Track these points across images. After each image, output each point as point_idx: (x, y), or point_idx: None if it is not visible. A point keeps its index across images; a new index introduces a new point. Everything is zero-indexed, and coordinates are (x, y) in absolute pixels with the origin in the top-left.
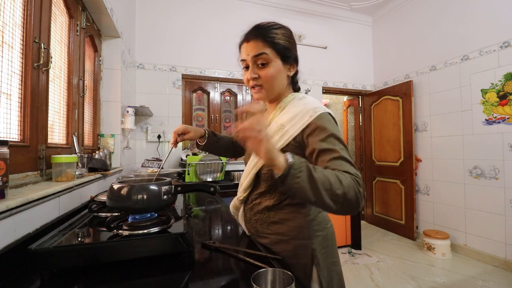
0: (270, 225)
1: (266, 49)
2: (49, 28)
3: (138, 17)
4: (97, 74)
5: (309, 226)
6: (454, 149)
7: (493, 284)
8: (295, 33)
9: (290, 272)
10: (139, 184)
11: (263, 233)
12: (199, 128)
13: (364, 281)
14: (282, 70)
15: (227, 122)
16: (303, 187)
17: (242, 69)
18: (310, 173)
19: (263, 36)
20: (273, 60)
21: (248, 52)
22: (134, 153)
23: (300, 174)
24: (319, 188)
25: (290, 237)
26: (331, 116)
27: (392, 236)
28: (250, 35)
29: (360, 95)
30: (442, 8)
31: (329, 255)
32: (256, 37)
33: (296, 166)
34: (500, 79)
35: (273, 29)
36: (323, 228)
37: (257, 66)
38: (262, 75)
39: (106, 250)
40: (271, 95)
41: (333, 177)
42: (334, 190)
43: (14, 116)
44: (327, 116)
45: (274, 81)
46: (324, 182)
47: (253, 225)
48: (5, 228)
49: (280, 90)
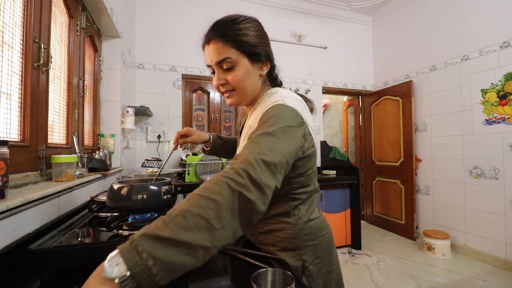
0: (259, 236)
1: (228, 51)
2: (49, 28)
3: (138, 17)
4: (97, 74)
5: (298, 236)
6: (454, 149)
7: (493, 284)
8: (295, 33)
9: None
10: (139, 184)
11: (255, 242)
12: (204, 132)
13: (364, 281)
14: (251, 71)
15: (227, 122)
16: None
17: (211, 73)
18: (155, 237)
19: (222, 35)
20: (239, 62)
21: (210, 57)
22: (134, 153)
23: (143, 254)
24: (183, 239)
25: (279, 248)
26: (289, 107)
27: (392, 236)
28: (209, 35)
29: (360, 95)
30: (442, 8)
31: (324, 265)
32: (215, 37)
33: (137, 249)
34: (500, 79)
35: (234, 25)
36: (315, 237)
37: (223, 71)
38: (229, 80)
39: (106, 250)
40: (245, 98)
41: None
42: (207, 218)
43: (14, 116)
44: (280, 107)
45: (245, 83)
46: (186, 226)
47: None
48: (5, 228)
49: (255, 92)
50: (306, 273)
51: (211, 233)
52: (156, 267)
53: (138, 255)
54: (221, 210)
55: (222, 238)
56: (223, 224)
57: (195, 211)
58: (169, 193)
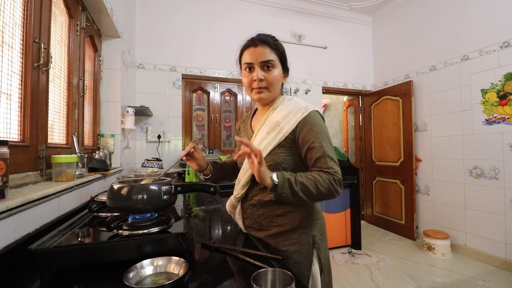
0: (274, 218)
1: (272, 55)
2: (49, 28)
3: (138, 17)
4: (97, 74)
5: (310, 216)
6: (454, 149)
7: (493, 284)
8: (295, 33)
9: (291, 271)
10: (139, 184)
11: (267, 226)
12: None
13: (364, 281)
14: (280, 77)
15: (227, 122)
16: (288, 198)
17: (244, 70)
18: (292, 189)
19: (269, 43)
20: (277, 66)
21: (256, 56)
22: (134, 153)
23: (284, 190)
24: (300, 196)
25: (295, 227)
26: (319, 113)
27: (392, 236)
28: (257, 41)
29: (360, 95)
30: (442, 8)
31: (324, 241)
32: (263, 44)
33: (280, 185)
34: (500, 79)
35: (276, 40)
36: (319, 217)
37: (264, 69)
38: (268, 78)
39: (106, 250)
40: (271, 97)
41: (311, 184)
42: (313, 194)
43: (14, 116)
44: (316, 114)
45: (276, 84)
46: (304, 190)
47: (256, 220)
48: (5, 228)
49: (276, 94)
50: (316, 246)
51: (310, 197)
52: (285, 190)
53: (284, 182)
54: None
55: (314, 200)
56: (316, 196)
57: (308, 185)
58: (169, 193)
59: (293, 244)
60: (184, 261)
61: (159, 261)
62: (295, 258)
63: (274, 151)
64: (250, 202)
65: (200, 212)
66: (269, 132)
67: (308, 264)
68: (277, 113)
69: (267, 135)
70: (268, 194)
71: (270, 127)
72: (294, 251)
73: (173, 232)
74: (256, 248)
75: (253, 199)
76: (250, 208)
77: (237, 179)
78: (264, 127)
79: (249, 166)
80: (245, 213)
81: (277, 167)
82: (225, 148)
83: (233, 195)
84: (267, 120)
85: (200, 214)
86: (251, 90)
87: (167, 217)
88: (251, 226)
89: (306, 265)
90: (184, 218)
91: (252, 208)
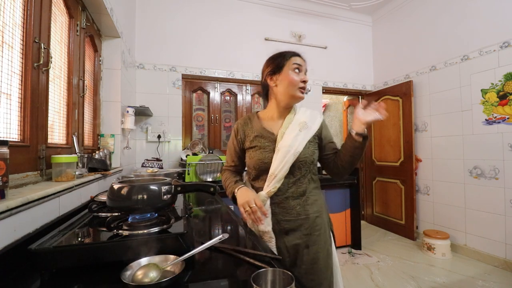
0: (307, 206)
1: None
2: (49, 28)
3: (138, 17)
4: (97, 74)
5: (324, 202)
6: (454, 149)
7: (493, 284)
8: (295, 33)
9: (289, 271)
10: (139, 184)
11: (305, 214)
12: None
13: (364, 281)
14: None
15: (227, 122)
16: (364, 148)
17: (293, 70)
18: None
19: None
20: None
21: (302, 64)
22: (134, 153)
23: (367, 142)
24: (363, 152)
25: (322, 212)
26: None
27: (392, 236)
28: (297, 53)
29: (360, 95)
30: (442, 8)
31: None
32: (302, 57)
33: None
34: (500, 79)
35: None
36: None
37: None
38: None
39: (106, 250)
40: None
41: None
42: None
43: (14, 116)
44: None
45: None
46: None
47: (290, 212)
48: (5, 228)
49: None
50: (330, 224)
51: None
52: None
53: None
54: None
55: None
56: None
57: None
58: (169, 193)
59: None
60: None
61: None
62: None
63: (307, 144)
64: (284, 195)
65: (200, 212)
66: (301, 129)
67: (330, 242)
68: (302, 115)
69: (299, 132)
70: (300, 185)
71: (301, 126)
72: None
73: (173, 232)
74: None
75: (287, 192)
76: (284, 201)
77: (270, 174)
78: (294, 125)
79: (368, 115)
80: (278, 206)
81: (310, 159)
82: (225, 148)
83: (263, 191)
84: (293, 120)
85: (200, 214)
86: (297, 88)
87: (167, 217)
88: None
89: (330, 243)
90: (184, 218)
91: (286, 201)
